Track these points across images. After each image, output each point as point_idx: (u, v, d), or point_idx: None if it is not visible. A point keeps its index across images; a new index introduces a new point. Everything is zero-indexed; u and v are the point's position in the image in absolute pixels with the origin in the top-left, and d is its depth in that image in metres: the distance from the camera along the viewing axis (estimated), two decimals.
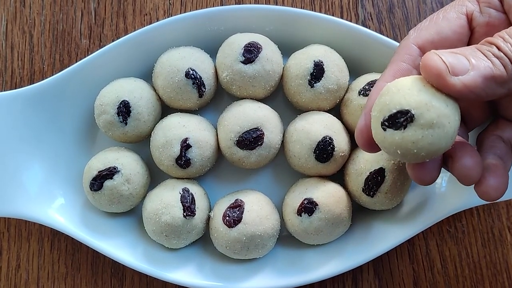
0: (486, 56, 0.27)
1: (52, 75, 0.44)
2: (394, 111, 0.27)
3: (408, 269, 0.45)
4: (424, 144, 0.27)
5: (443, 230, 0.46)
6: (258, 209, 0.40)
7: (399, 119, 0.27)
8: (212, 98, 0.45)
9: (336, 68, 0.42)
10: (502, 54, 0.26)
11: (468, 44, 0.33)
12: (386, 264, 0.45)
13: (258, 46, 0.42)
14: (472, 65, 0.26)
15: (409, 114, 0.27)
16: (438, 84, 0.27)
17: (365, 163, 0.40)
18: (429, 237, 0.46)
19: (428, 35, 0.32)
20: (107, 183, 0.41)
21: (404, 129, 0.27)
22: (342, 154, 0.41)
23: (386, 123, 0.27)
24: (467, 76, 0.26)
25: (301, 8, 0.48)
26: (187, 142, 0.41)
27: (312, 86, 0.42)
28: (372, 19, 0.48)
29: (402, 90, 0.27)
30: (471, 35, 0.32)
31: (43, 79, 0.43)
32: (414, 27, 0.33)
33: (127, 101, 0.41)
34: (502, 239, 0.45)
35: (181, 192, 0.41)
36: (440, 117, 0.26)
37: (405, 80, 0.28)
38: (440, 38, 0.32)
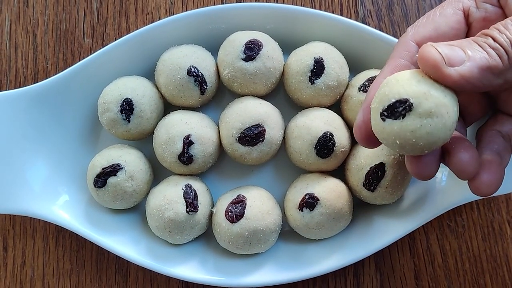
0: (482, 47, 0.27)
1: (56, 74, 0.44)
2: (393, 100, 0.27)
3: (409, 263, 0.46)
4: (423, 133, 0.27)
5: (444, 225, 0.46)
6: (260, 205, 0.41)
7: (398, 108, 0.27)
8: (214, 96, 0.46)
9: (336, 65, 0.42)
10: (497, 45, 0.27)
11: None
12: (387, 258, 0.46)
13: (259, 43, 0.42)
14: (468, 56, 0.27)
15: (407, 103, 0.27)
16: (435, 75, 0.27)
17: (365, 158, 0.41)
18: (429, 232, 0.46)
19: (425, 32, 0.32)
20: (111, 180, 0.41)
21: (403, 118, 0.27)
22: (343, 150, 0.42)
23: (385, 113, 0.28)
24: (463, 67, 0.27)
25: (301, 6, 0.48)
26: (190, 139, 0.41)
27: (312, 83, 0.42)
28: (371, 16, 0.49)
29: (401, 80, 0.28)
30: (468, 30, 0.33)
31: (46, 78, 0.44)
32: (412, 25, 0.33)
33: (130, 99, 0.42)
34: (502, 233, 0.46)
35: (184, 188, 0.41)
36: (438, 106, 0.27)
37: (404, 72, 0.29)
38: (437, 35, 0.32)
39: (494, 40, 0.27)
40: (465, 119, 0.36)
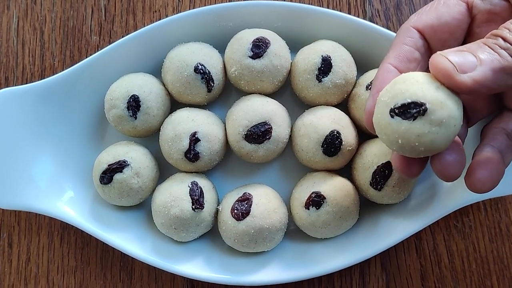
0: (493, 49, 0.27)
1: (63, 71, 0.44)
2: (409, 101, 0.27)
3: (415, 264, 0.45)
4: (427, 140, 0.27)
5: (450, 225, 0.46)
6: (266, 203, 0.41)
7: (412, 110, 0.27)
8: (221, 93, 0.45)
9: (343, 63, 0.42)
10: (508, 44, 0.27)
11: (468, 31, 0.33)
12: (393, 259, 0.45)
13: (266, 41, 0.42)
14: (480, 60, 0.26)
15: (423, 107, 0.27)
16: (449, 84, 0.27)
17: (372, 157, 0.41)
18: (436, 232, 0.46)
19: (428, 20, 0.32)
20: (117, 177, 0.41)
21: (413, 120, 0.27)
22: (350, 148, 0.41)
23: (396, 111, 0.28)
24: (476, 71, 0.26)
25: (309, 4, 0.48)
26: (196, 136, 0.41)
27: (320, 81, 0.42)
28: (379, 15, 0.49)
29: (421, 83, 0.27)
30: (472, 22, 0.32)
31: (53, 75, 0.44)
32: (416, 12, 0.34)
33: (136, 95, 0.42)
34: (509, 234, 0.45)
35: (190, 186, 0.41)
36: (449, 118, 0.27)
37: (422, 74, 0.28)
38: (439, 23, 0.32)
39: (504, 40, 0.27)
40: (470, 118, 0.35)
